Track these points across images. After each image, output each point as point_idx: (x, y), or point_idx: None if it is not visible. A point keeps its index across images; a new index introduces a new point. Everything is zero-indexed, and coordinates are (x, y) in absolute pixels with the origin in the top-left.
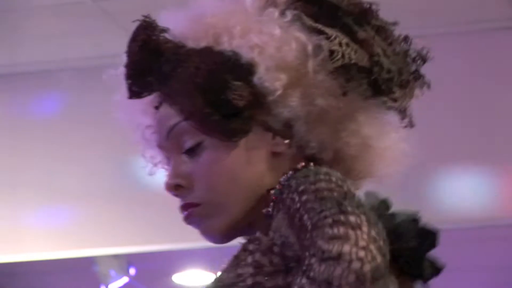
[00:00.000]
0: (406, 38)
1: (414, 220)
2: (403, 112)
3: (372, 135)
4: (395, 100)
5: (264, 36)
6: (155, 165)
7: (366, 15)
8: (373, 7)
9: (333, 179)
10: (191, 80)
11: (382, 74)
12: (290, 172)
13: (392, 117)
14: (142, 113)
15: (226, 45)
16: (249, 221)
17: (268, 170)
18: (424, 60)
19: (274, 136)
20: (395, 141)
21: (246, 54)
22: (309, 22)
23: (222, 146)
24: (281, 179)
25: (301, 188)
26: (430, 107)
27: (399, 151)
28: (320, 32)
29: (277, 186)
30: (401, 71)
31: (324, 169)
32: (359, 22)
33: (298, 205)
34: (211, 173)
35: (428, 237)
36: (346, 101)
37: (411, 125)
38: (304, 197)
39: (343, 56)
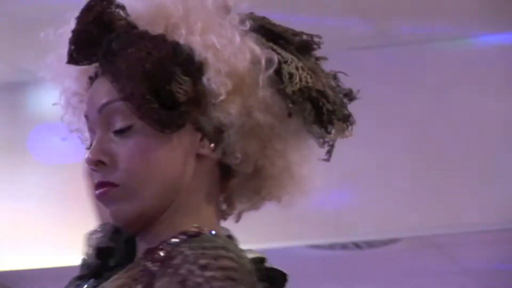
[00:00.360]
0: (335, 76)
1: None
2: (330, 147)
3: (296, 161)
4: (328, 133)
5: (223, 39)
6: (71, 131)
7: (308, 47)
8: (315, 39)
9: (234, 256)
10: (140, 64)
11: (327, 105)
12: (182, 236)
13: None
14: (73, 79)
15: (182, 38)
16: (155, 216)
17: (188, 170)
18: (351, 99)
19: (202, 137)
20: (311, 172)
21: (201, 53)
22: (263, 40)
23: (152, 135)
24: (172, 240)
25: (203, 262)
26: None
27: (311, 182)
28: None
29: (169, 242)
30: (342, 105)
31: (220, 241)
32: (302, 52)
33: (201, 279)
34: (136, 158)
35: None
36: (281, 122)
37: (328, 159)
38: (208, 273)
39: (300, 79)
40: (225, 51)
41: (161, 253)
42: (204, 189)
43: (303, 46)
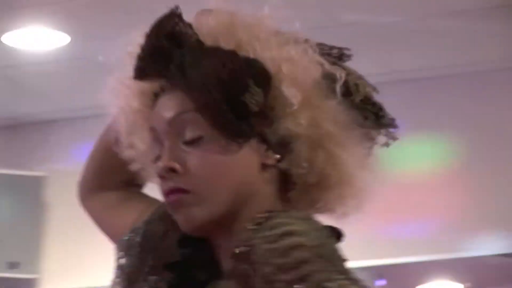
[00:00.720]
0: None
1: None
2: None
3: (357, 172)
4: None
5: (296, 54)
6: (129, 148)
7: (343, 58)
8: (345, 52)
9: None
10: (215, 75)
11: (380, 111)
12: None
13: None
14: (134, 96)
15: (255, 52)
16: (223, 222)
17: (254, 179)
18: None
19: (267, 148)
20: (368, 183)
21: (272, 66)
22: (327, 57)
23: (221, 145)
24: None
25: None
26: None
27: (368, 194)
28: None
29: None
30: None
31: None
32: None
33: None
34: (206, 167)
35: None
36: (345, 131)
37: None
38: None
39: (364, 87)
40: (301, 63)
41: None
42: (270, 197)
43: (341, 58)
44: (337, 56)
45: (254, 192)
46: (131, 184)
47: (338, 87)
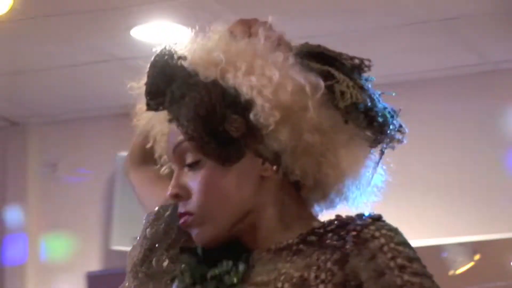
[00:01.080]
0: (380, 94)
1: None
2: (381, 153)
3: (349, 169)
4: (380, 141)
5: (264, 79)
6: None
7: (359, 69)
8: (366, 62)
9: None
10: (195, 110)
11: (377, 118)
12: (369, 219)
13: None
14: (160, 122)
15: (230, 81)
16: (231, 233)
17: (256, 191)
18: (397, 115)
19: (263, 162)
20: (369, 176)
21: (246, 93)
22: (317, 65)
23: (217, 167)
24: (364, 218)
25: (401, 262)
26: None
27: (372, 185)
28: (329, 75)
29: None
30: (392, 117)
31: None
32: (354, 73)
33: (396, 274)
34: (205, 191)
35: None
36: (331, 138)
37: (377, 165)
38: (406, 277)
39: (351, 96)
40: (266, 89)
41: (352, 233)
42: (281, 202)
43: (355, 68)
44: (356, 65)
45: (257, 202)
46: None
47: (319, 94)
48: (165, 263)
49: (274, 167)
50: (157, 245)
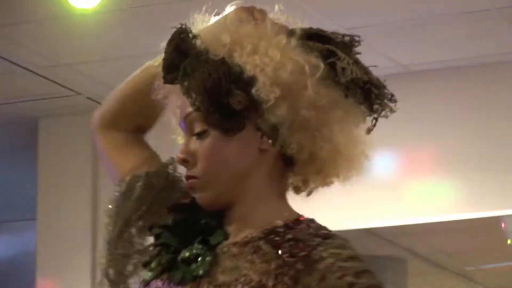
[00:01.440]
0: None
1: None
2: (375, 120)
3: (343, 143)
4: (375, 112)
5: (266, 58)
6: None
7: (351, 45)
8: (355, 38)
9: (360, 255)
10: (203, 83)
11: (374, 90)
12: (321, 237)
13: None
14: (176, 95)
15: (236, 59)
16: (230, 199)
17: (253, 162)
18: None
19: (262, 135)
20: (363, 150)
21: (249, 70)
22: (318, 45)
23: (221, 138)
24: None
25: (349, 280)
26: None
27: (365, 158)
28: (331, 52)
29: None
30: (385, 88)
31: (348, 243)
32: (348, 49)
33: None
34: (209, 157)
35: None
36: (326, 113)
37: (369, 132)
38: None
39: (351, 72)
40: (267, 67)
41: (302, 252)
42: (270, 175)
43: (348, 44)
44: (348, 42)
45: (252, 171)
46: (139, 130)
47: (318, 73)
48: (138, 240)
49: (270, 141)
50: (128, 216)
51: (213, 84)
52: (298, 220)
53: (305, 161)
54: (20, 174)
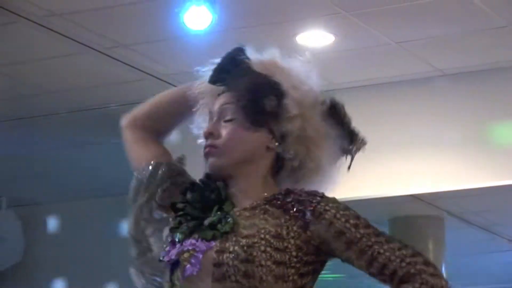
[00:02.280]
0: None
1: None
2: (352, 159)
3: (326, 164)
4: (350, 151)
5: (298, 82)
6: (198, 128)
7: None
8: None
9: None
10: (248, 84)
11: (355, 135)
12: (319, 196)
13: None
14: (207, 95)
15: (276, 76)
16: (234, 171)
17: (260, 153)
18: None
19: (272, 137)
20: (334, 172)
21: (285, 86)
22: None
23: (244, 126)
24: (309, 194)
25: (353, 222)
26: None
27: (333, 184)
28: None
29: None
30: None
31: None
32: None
33: (354, 231)
34: (231, 135)
35: None
36: (322, 139)
37: (348, 169)
38: (362, 231)
39: (348, 117)
40: (299, 90)
41: (309, 208)
42: (268, 168)
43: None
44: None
45: (256, 159)
46: (159, 135)
47: (324, 108)
48: (161, 214)
49: (277, 144)
50: (154, 192)
51: (255, 86)
52: (290, 190)
53: (292, 169)
54: None
